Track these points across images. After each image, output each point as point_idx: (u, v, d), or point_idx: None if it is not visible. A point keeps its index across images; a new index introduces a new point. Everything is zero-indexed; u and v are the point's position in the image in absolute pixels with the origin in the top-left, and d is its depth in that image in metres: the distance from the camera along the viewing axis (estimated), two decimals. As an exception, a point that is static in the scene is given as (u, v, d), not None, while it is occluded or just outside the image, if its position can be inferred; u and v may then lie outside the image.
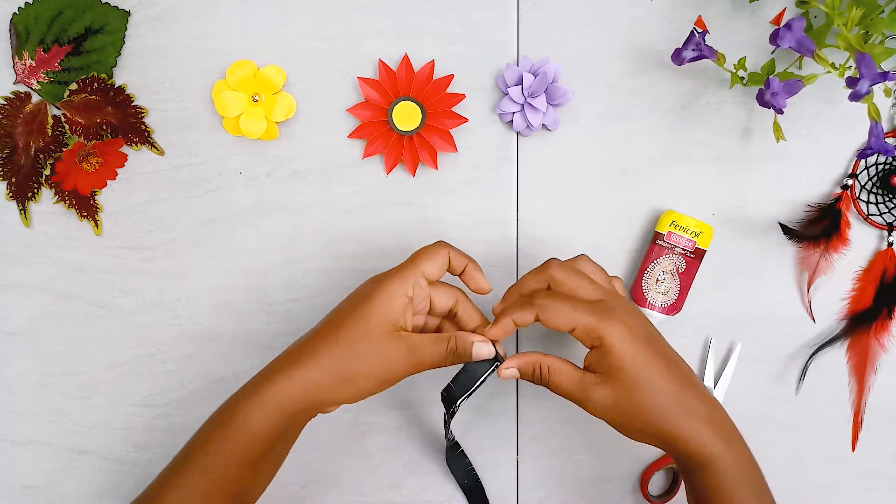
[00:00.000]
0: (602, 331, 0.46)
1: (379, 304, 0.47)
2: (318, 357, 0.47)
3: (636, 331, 0.47)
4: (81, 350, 0.61)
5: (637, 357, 0.46)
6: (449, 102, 0.59)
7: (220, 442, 0.47)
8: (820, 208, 0.60)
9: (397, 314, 0.47)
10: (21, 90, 0.59)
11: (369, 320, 0.47)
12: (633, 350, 0.46)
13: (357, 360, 0.47)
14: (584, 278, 0.49)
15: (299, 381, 0.47)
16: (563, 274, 0.49)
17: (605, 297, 0.48)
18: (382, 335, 0.47)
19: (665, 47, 0.59)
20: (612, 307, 0.47)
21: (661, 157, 0.60)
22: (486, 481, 0.62)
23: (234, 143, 0.60)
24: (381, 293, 0.48)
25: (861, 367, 0.62)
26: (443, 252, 0.50)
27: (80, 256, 0.61)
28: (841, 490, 0.63)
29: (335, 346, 0.47)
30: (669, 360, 0.48)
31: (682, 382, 0.47)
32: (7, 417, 0.62)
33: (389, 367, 0.48)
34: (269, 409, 0.47)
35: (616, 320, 0.46)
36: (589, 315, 0.46)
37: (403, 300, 0.48)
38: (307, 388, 0.47)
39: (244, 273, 0.61)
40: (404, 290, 0.48)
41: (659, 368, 0.47)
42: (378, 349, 0.47)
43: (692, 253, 0.59)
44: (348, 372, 0.47)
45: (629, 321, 0.47)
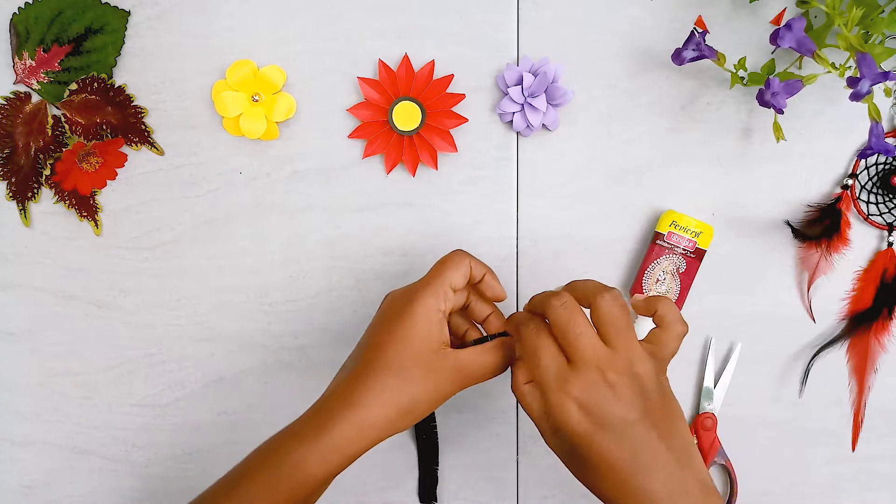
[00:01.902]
0: (548, 397, 0.44)
1: (418, 324, 0.46)
2: (376, 392, 0.45)
3: (589, 413, 0.43)
4: (81, 350, 0.61)
5: (580, 440, 0.43)
6: (449, 102, 0.59)
7: (273, 482, 0.45)
8: (820, 208, 0.60)
9: (437, 331, 0.46)
10: (21, 90, 0.59)
11: (414, 343, 0.46)
12: (578, 433, 0.43)
13: (413, 388, 0.45)
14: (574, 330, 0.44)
15: (359, 424, 0.45)
16: (556, 316, 0.45)
17: (586, 360, 0.43)
18: (430, 356, 0.46)
19: (665, 47, 0.59)
20: (577, 377, 0.43)
21: (661, 157, 0.60)
22: (486, 481, 0.62)
23: (234, 143, 0.60)
24: (417, 312, 0.46)
25: (861, 367, 0.62)
26: (465, 262, 0.49)
27: (80, 256, 0.61)
28: (841, 490, 0.63)
29: (386, 377, 0.45)
30: (628, 439, 0.43)
31: (642, 464, 0.42)
32: (7, 417, 0.62)
33: (441, 387, 0.46)
34: (330, 456, 0.45)
35: (566, 396, 0.43)
36: (548, 375, 0.44)
37: (439, 316, 0.47)
38: (368, 428, 0.45)
39: (244, 273, 0.61)
40: (438, 305, 0.47)
41: (601, 457, 0.43)
42: (429, 372, 0.46)
43: (692, 253, 0.59)
44: (407, 402, 0.45)
45: (587, 400, 0.43)
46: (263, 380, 0.62)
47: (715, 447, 0.62)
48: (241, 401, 0.62)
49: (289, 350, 0.62)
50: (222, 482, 0.47)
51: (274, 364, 0.62)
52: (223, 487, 0.47)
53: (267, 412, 0.62)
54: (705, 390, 0.62)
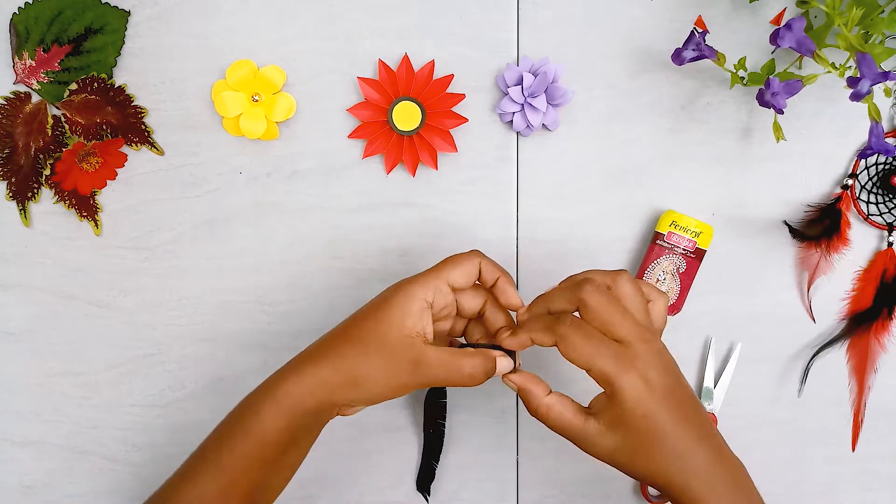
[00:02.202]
0: (617, 382, 0.44)
1: (395, 308, 0.46)
2: (329, 356, 0.47)
3: (654, 386, 0.44)
4: (81, 350, 0.61)
5: (648, 416, 0.44)
6: (449, 102, 0.59)
7: (234, 438, 0.47)
8: (820, 208, 0.60)
9: (413, 319, 0.46)
10: (21, 90, 0.59)
11: (383, 323, 0.46)
12: (645, 408, 0.44)
13: (366, 363, 0.46)
14: (617, 311, 0.45)
15: (309, 380, 0.47)
16: (597, 302, 0.45)
17: (633, 338, 0.45)
18: (394, 340, 0.46)
19: (665, 47, 0.59)
20: (635, 355, 0.44)
21: (661, 157, 0.60)
22: (486, 481, 0.62)
23: (234, 143, 0.60)
24: (399, 297, 0.47)
25: (861, 367, 0.62)
26: (472, 261, 0.48)
27: (80, 256, 0.61)
28: (841, 490, 0.63)
29: (346, 346, 0.47)
30: (683, 411, 0.45)
31: (693, 435, 0.45)
32: (7, 417, 0.62)
33: (396, 373, 0.46)
34: (281, 406, 0.46)
35: (635, 373, 0.44)
36: (608, 361, 0.44)
37: (421, 304, 0.46)
38: (315, 386, 0.46)
39: (244, 273, 0.61)
40: (424, 294, 0.47)
41: (672, 424, 0.44)
42: (387, 354, 0.46)
43: (692, 253, 0.59)
44: (355, 374, 0.46)
45: (650, 374, 0.44)
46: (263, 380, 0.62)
47: (715, 447, 0.62)
48: (241, 401, 0.62)
49: (289, 350, 0.61)
50: (192, 454, 0.49)
51: (274, 364, 0.61)
52: (192, 456, 0.49)
53: (267, 412, 0.62)
54: (705, 390, 0.62)
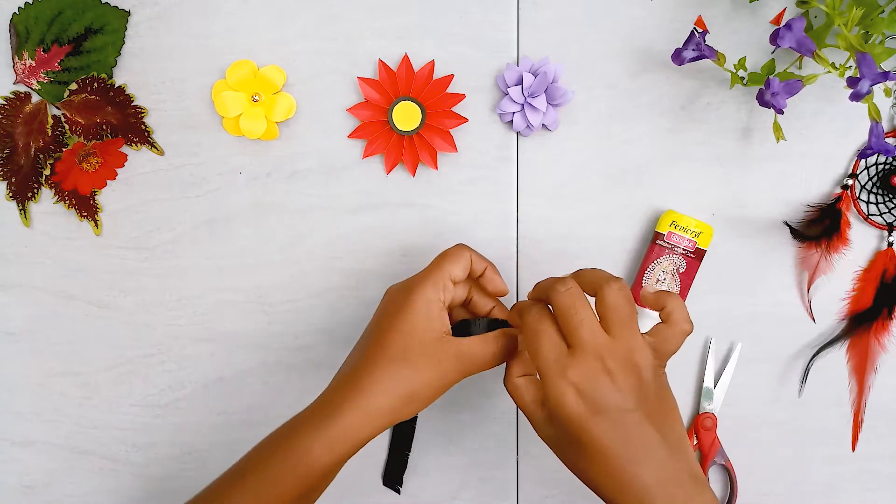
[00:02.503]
0: (545, 383, 0.44)
1: (419, 314, 0.47)
2: (381, 381, 0.46)
3: (588, 399, 0.43)
4: (81, 350, 0.61)
5: (574, 426, 0.43)
6: (449, 102, 0.59)
7: (282, 473, 0.46)
8: (820, 208, 0.60)
9: (437, 320, 0.48)
10: (21, 90, 0.59)
11: (416, 332, 0.47)
12: (572, 419, 0.43)
13: (416, 376, 0.47)
14: (577, 317, 0.44)
15: (365, 410, 0.46)
16: (560, 303, 0.45)
17: (584, 348, 0.44)
18: (433, 345, 0.47)
19: (665, 47, 0.59)
20: (577, 363, 0.43)
21: (661, 157, 0.60)
22: (486, 481, 0.62)
23: (234, 143, 0.60)
24: (417, 302, 0.47)
25: (861, 367, 0.62)
26: (465, 255, 0.50)
27: (80, 256, 0.61)
28: (841, 490, 0.63)
29: (392, 365, 0.47)
30: (620, 429, 0.43)
31: (632, 455, 0.43)
32: (7, 417, 0.62)
33: (444, 374, 0.47)
34: (336, 444, 0.46)
35: (564, 382, 0.43)
36: (545, 361, 0.44)
37: (439, 305, 0.48)
38: (371, 416, 0.46)
39: (244, 273, 0.61)
40: (437, 295, 0.48)
41: (604, 441, 0.43)
42: (432, 360, 0.47)
43: (692, 253, 0.59)
44: (411, 389, 0.47)
45: (585, 386, 0.43)
46: (263, 380, 0.62)
47: (715, 447, 0.62)
48: (241, 401, 0.62)
49: (289, 350, 0.62)
50: (227, 475, 0.48)
51: (274, 364, 0.62)
52: (228, 480, 0.48)
53: (267, 412, 0.62)
54: (705, 390, 0.62)
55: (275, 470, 0.46)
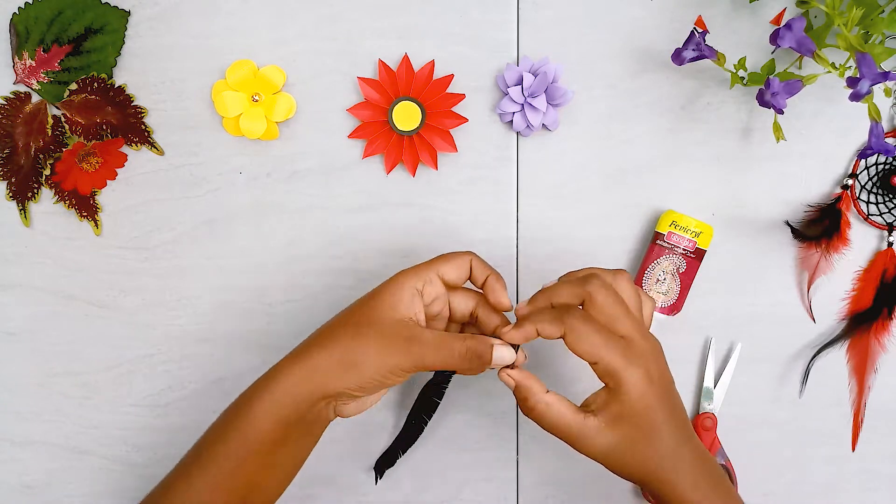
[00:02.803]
0: (624, 375, 0.44)
1: (386, 294, 0.48)
2: (323, 343, 0.47)
3: (655, 380, 0.45)
4: (81, 350, 0.61)
5: (649, 410, 0.45)
6: (449, 102, 0.59)
7: (227, 434, 0.47)
8: (820, 208, 0.60)
9: (406, 304, 0.47)
10: (21, 90, 0.59)
11: (375, 308, 0.47)
12: (649, 403, 0.45)
13: (360, 345, 0.46)
14: (621, 307, 0.46)
15: (300, 367, 0.47)
16: (604, 297, 0.46)
17: (636, 334, 0.46)
18: (388, 322, 0.47)
19: (665, 47, 0.59)
20: (640, 351, 0.45)
21: (661, 157, 0.60)
22: (486, 481, 0.62)
23: (234, 143, 0.60)
24: (390, 285, 0.48)
25: (861, 367, 0.62)
26: (464, 258, 0.49)
27: (80, 256, 0.61)
28: (841, 490, 0.63)
29: (340, 331, 0.47)
30: (675, 409, 0.47)
31: (683, 433, 0.47)
32: (7, 417, 0.62)
33: (390, 353, 0.46)
34: (273, 397, 0.46)
35: (640, 367, 0.45)
36: (616, 354, 0.44)
37: (412, 291, 0.47)
38: (307, 372, 0.46)
39: (244, 273, 0.61)
40: (414, 283, 0.48)
41: (667, 421, 0.46)
42: (380, 335, 0.46)
43: (692, 253, 0.59)
44: (350, 356, 0.46)
45: (652, 369, 0.45)
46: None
47: (715, 447, 0.62)
48: (241, 401, 0.62)
49: (289, 350, 0.61)
50: (189, 453, 0.49)
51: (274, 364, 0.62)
52: (190, 458, 0.49)
53: (267, 412, 0.62)
54: (705, 390, 0.62)
55: (224, 433, 0.47)
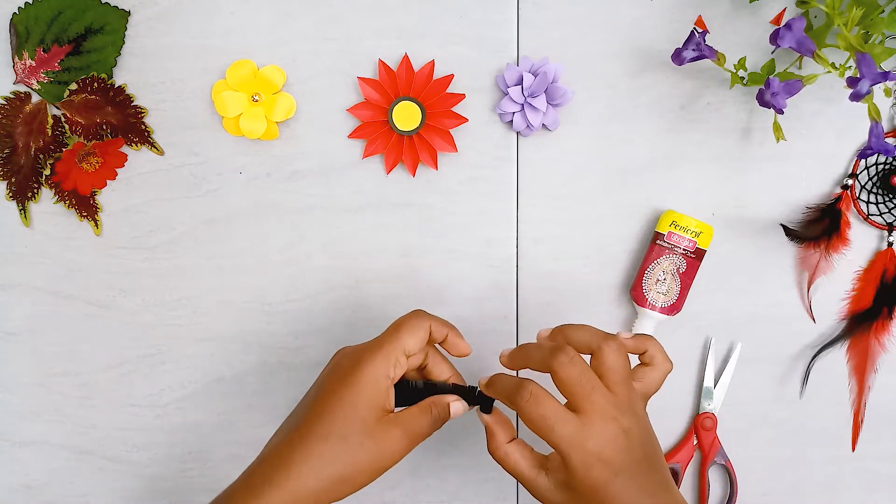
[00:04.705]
0: (567, 457, 0.43)
1: (365, 390, 0.45)
2: (310, 462, 0.43)
3: (608, 463, 0.43)
4: (81, 350, 0.61)
5: (596, 491, 0.43)
6: (449, 102, 0.59)
7: None
8: (820, 208, 0.60)
9: (385, 399, 0.45)
10: (21, 90, 0.59)
11: (358, 410, 0.44)
12: (594, 482, 0.43)
13: (353, 457, 0.44)
14: (586, 385, 0.44)
15: (290, 492, 0.43)
16: (566, 374, 0.44)
17: (596, 415, 0.44)
18: (376, 424, 0.45)
19: (665, 47, 0.59)
20: (592, 433, 0.43)
21: (661, 157, 0.60)
22: (486, 481, 0.62)
23: (234, 143, 0.60)
24: (364, 377, 0.45)
25: (861, 367, 0.62)
26: (424, 325, 0.47)
27: (80, 256, 0.61)
28: (841, 490, 0.63)
29: (326, 446, 0.44)
30: (641, 492, 0.44)
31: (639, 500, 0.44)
32: (7, 417, 0.62)
33: (385, 455, 0.45)
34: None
35: (585, 452, 0.43)
36: (562, 436, 0.43)
37: (387, 382, 0.45)
38: (302, 499, 0.43)
39: (244, 273, 0.61)
40: (386, 371, 0.45)
41: (616, 496, 0.43)
42: (375, 440, 0.44)
43: (692, 253, 0.59)
44: (345, 472, 0.44)
45: (605, 453, 0.43)
46: (263, 380, 0.62)
47: (715, 447, 0.62)
48: (241, 401, 0.62)
49: (289, 350, 0.62)
50: None
51: (274, 364, 0.62)
52: None
53: (267, 412, 0.62)
54: (705, 390, 0.62)
55: None
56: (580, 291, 0.61)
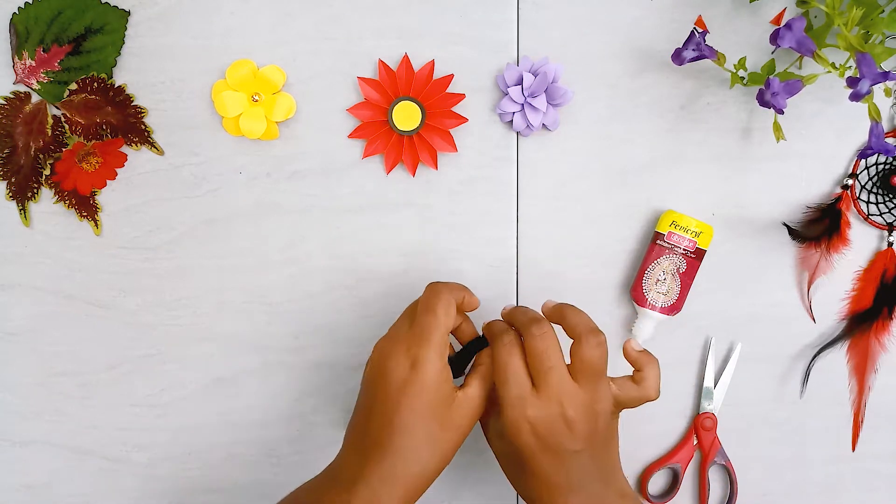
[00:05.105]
0: (504, 414, 0.47)
1: (432, 390, 0.46)
2: (398, 452, 0.45)
3: (541, 437, 0.46)
4: (81, 350, 0.61)
5: (521, 454, 0.47)
6: (449, 102, 0.59)
7: None
8: (820, 208, 0.60)
9: (448, 387, 0.47)
10: (21, 90, 0.59)
11: (435, 414, 0.46)
12: (519, 446, 0.47)
13: (443, 442, 0.47)
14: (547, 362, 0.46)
15: (390, 483, 0.45)
16: (535, 343, 0.46)
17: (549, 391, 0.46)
18: (451, 411, 0.47)
19: (665, 47, 0.59)
20: (535, 405, 0.46)
21: (661, 157, 0.60)
22: (486, 481, 0.62)
23: (234, 143, 0.60)
24: (429, 379, 0.46)
25: (861, 367, 0.62)
26: (452, 303, 0.48)
27: (80, 256, 0.61)
28: (841, 490, 0.63)
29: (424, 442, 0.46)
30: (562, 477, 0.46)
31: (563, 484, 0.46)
32: (7, 417, 0.62)
33: (464, 431, 0.48)
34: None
35: (523, 419, 0.46)
36: (508, 394, 0.46)
37: (447, 372, 0.47)
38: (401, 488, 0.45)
39: (244, 273, 0.61)
40: (443, 361, 0.47)
41: (541, 473, 0.46)
42: (453, 424, 0.47)
43: (692, 253, 0.59)
44: (442, 453, 0.47)
45: (539, 428, 0.46)
46: (263, 380, 0.62)
47: (715, 447, 0.62)
48: (241, 401, 0.62)
49: (289, 350, 0.62)
50: None
51: (274, 364, 0.62)
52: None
53: (267, 412, 0.62)
54: (705, 390, 0.62)
55: None
56: (580, 291, 0.61)
